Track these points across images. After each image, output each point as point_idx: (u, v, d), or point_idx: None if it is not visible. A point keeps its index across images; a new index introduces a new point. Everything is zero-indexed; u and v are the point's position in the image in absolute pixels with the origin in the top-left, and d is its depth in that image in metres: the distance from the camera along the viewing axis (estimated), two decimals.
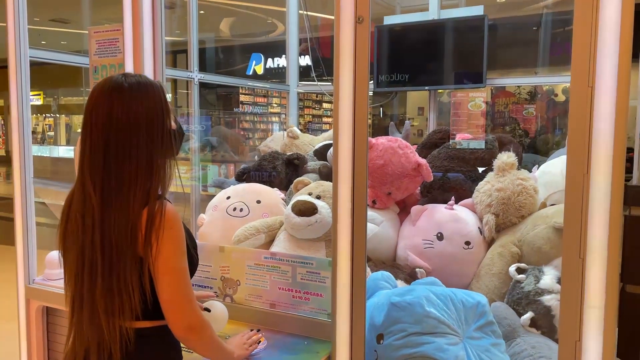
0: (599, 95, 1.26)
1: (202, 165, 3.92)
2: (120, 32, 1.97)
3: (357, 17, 1.56)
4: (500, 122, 7.60)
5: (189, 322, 1.29)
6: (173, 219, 1.26)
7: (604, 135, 1.27)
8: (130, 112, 1.24)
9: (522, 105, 7.51)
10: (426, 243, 2.16)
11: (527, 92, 7.83)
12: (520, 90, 7.71)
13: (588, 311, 1.31)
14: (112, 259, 1.22)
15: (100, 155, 1.24)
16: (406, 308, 1.62)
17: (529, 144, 6.74)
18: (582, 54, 1.27)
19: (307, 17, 4.08)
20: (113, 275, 1.23)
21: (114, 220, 1.22)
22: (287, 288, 1.83)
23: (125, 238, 1.22)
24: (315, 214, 2.02)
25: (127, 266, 1.23)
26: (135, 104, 1.25)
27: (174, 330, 1.30)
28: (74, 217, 1.28)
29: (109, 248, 1.22)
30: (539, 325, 1.79)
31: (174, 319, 1.28)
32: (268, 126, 11.27)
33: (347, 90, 1.59)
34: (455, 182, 2.40)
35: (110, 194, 1.23)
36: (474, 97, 2.47)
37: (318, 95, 11.23)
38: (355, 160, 1.60)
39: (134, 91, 1.25)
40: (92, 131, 1.25)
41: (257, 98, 11.54)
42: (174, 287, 1.27)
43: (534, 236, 2.05)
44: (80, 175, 1.27)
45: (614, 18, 1.23)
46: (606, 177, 1.26)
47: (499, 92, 7.73)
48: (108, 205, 1.23)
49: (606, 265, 1.29)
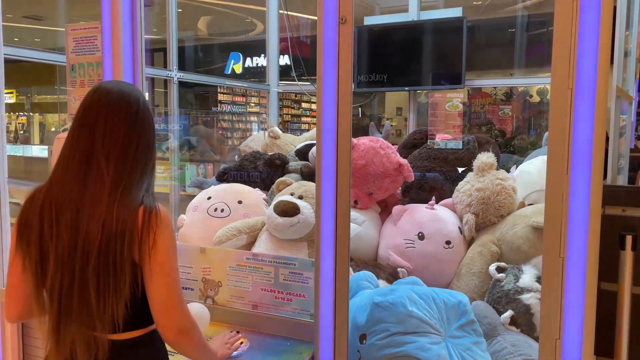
0: (579, 97, 1.29)
1: (180, 164, 3.87)
2: (99, 30, 1.93)
3: (340, 17, 1.56)
4: (476, 123, 7.70)
5: (183, 324, 1.26)
6: (167, 218, 1.24)
7: (583, 136, 1.29)
8: (150, 116, 1.32)
9: (498, 106, 7.62)
10: (407, 243, 2.17)
11: (503, 93, 7.95)
12: (496, 91, 7.82)
13: (568, 310, 1.33)
14: (108, 256, 1.19)
15: (120, 147, 1.24)
16: (389, 308, 1.63)
17: (505, 144, 6.85)
18: (562, 56, 1.29)
19: (287, 17, 4.08)
20: (108, 279, 1.19)
21: (116, 214, 1.19)
22: (270, 289, 1.82)
23: (122, 234, 1.18)
24: (297, 214, 2.01)
25: (122, 269, 1.19)
26: (149, 110, 1.33)
27: (166, 333, 1.27)
28: (50, 215, 1.22)
29: (106, 243, 1.18)
30: (519, 323, 1.81)
31: (167, 322, 1.25)
32: (247, 126, 11.19)
33: (330, 90, 1.58)
34: (435, 182, 2.42)
35: (120, 183, 1.22)
36: (451, 97, 2.49)
37: (297, 95, 11.20)
38: (338, 160, 1.60)
39: (145, 99, 1.35)
40: (112, 125, 1.24)
41: (236, 97, 11.45)
42: (170, 289, 1.24)
43: (513, 235, 2.08)
44: (85, 163, 1.22)
45: (593, 23, 1.25)
46: (585, 177, 1.28)
47: (476, 92, 7.83)
48: (116, 193, 1.21)
49: (586, 265, 1.31)
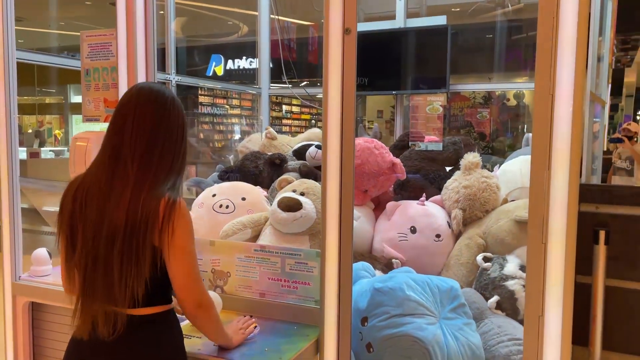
0: (559, 101, 1.47)
1: None
2: (114, 37, 2.06)
3: (344, 28, 1.71)
4: (455, 126, 7.92)
5: (200, 299, 1.44)
6: (185, 208, 1.41)
7: (562, 136, 1.47)
8: (178, 116, 1.47)
9: (476, 109, 7.84)
10: (400, 236, 2.33)
11: (482, 97, 8.19)
12: (475, 94, 8.06)
13: (549, 289, 1.51)
14: (132, 241, 1.34)
15: (145, 145, 1.39)
16: (388, 292, 1.79)
17: (484, 146, 7.08)
18: (544, 65, 1.47)
19: (278, 22, 4.22)
20: (131, 260, 1.34)
21: (139, 205, 1.35)
22: (276, 278, 1.96)
23: (145, 222, 1.34)
24: (300, 210, 2.16)
25: (144, 252, 1.34)
26: (178, 110, 1.48)
27: (186, 307, 1.44)
28: (85, 199, 1.40)
29: (130, 229, 1.34)
30: (504, 307, 1.99)
31: (186, 296, 1.42)
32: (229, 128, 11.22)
33: (335, 96, 1.74)
34: (425, 180, 2.59)
35: (145, 179, 1.38)
36: (431, 101, 2.62)
37: (277, 97, 11.29)
38: (343, 160, 1.75)
39: (176, 100, 1.49)
40: (138, 123, 1.40)
41: (217, 99, 11.47)
42: (189, 268, 1.41)
43: (498, 229, 2.25)
44: (114, 158, 1.40)
45: (571, 34, 1.44)
46: (564, 173, 1.46)
47: (455, 96, 8.06)
48: (140, 188, 1.37)
49: (565, 250, 1.49)
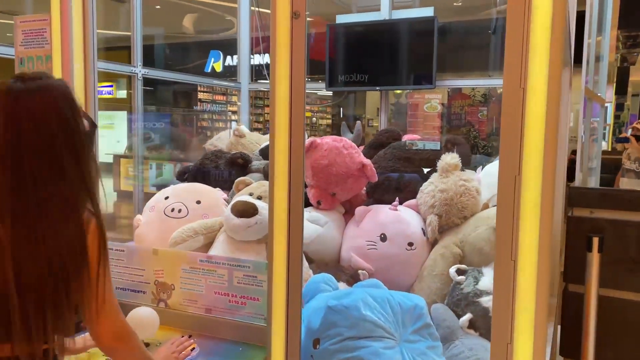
0: (530, 96, 1.26)
1: (156, 163, 3.79)
2: (48, 23, 1.86)
3: (293, 12, 1.51)
4: (456, 124, 7.74)
5: (119, 330, 1.22)
6: (97, 228, 1.17)
7: (535, 136, 1.26)
8: (42, 123, 1.09)
9: (477, 108, 7.67)
10: (369, 244, 2.13)
11: (482, 95, 7.99)
12: (475, 92, 7.86)
13: (519, 314, 1.30)
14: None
15: (9, 178, 1.07)
16: (342, 312, 1.58)
17: (483, 146, 6.89)
18: (514, 54, 1.26)
19: (258, 14, 4.02)
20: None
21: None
22: (224, 292, 1.77)
23: (73, 255, 1.11)
24: (255, 215, 1.96)
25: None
26: (44, 112, 1.09)
27: (102, 341, 1.21)
28: None
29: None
30: (477, 326, 1.78)
31: (102, 328, 1.19)
32: (227, 125, 11.07)
33: (283, 87, 1.53)
34: (400, 182, 2.38)
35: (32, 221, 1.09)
36: (429, 99, 2.49)
37: (260, 93, 11.08)
38: (292, 159, 1.55)
39: (39, 96, 1.10)
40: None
41: (216, 96, 11.32)
42: (105, 294, 1.18)
43: (476, 237, 2.05)
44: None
45: (546, 17, 1.22)
46: (537, 178, 1.25)
47: (455, 94, 7.87)
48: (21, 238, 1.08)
49: (536, 268, 1.28)
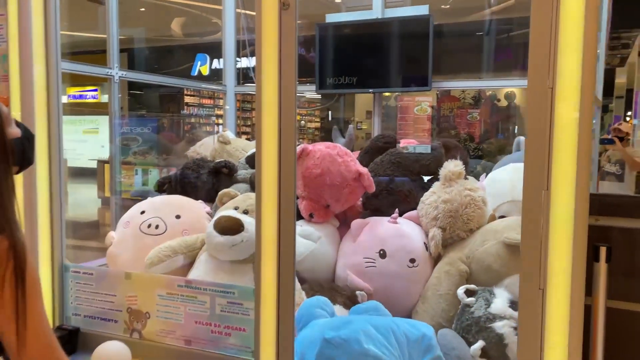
0: (560, 101, 1.08)
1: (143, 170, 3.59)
2: (5, 18, 1.65)
3: (282, 2, 1.32)
4: (445, 127, 7.65)
5: None
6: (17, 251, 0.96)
7: (566, 144, 1.08)
8: None
9: (467, 110, 7.58)
10: (367, 261, 1.95)
11: (472, 97, 7.90)
12: (464, 95, 7.77)
13: (548, 352, 1.12)
14: None
15: None
16: (341, 345, 1.39)
17: (474, 148, 6.79)
18: (540, 49, 1.08)
19: (244, 17, 3.82)
20: None
21: None
22: (205, 322, 1.58)
23: None
24: (241, 232, 1.76)
25: None
26: None
27: None
28: None
29: None
30: (491, 355, 1.60)
31: None
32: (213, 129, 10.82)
33: (271, 87, 1.35)
34: (399, 192, 2.20)
35: None
36: (420, 101, 2.38)
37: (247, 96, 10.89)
38: (282, 168, 1.36)
39: None
40: None
41: (203, 100, 11.12)
42: (40, 336, 0.98)
43: (483, 252, 1.87)
44: None
45: (579, 8, 1.05)
46: (569, 194, 1.07)
47: (444, 96, 7.77)
48: None
49: (569, 297, 1.10)
